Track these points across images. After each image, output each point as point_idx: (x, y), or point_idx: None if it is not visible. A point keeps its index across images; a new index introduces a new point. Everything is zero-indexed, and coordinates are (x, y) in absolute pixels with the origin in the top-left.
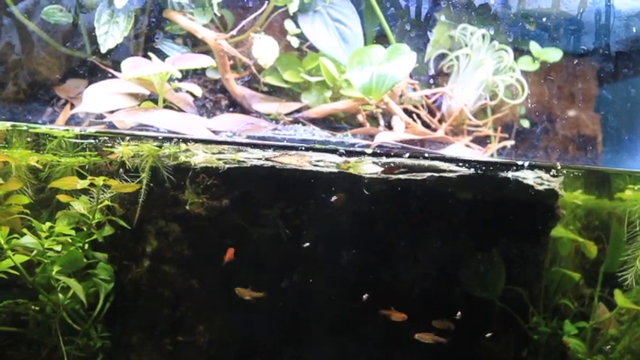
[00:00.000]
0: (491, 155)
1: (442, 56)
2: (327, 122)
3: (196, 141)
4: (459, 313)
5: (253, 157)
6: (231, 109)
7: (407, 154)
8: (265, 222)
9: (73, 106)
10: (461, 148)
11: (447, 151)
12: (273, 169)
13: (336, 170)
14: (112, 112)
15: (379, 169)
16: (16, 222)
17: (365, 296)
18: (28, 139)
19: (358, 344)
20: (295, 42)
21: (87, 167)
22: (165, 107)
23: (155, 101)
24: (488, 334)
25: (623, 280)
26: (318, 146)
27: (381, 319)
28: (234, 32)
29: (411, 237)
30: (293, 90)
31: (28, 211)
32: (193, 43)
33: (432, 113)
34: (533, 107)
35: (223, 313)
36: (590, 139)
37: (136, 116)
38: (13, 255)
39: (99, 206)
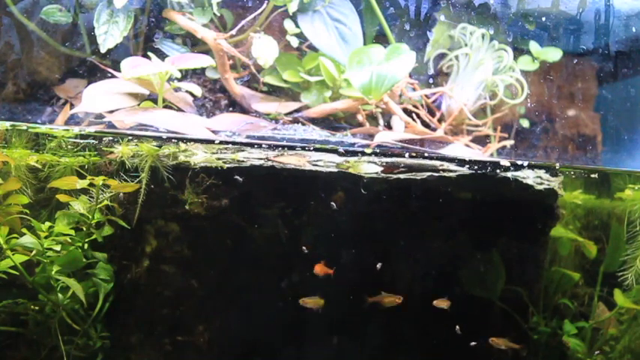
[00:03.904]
0: (491, 155)
1: (442, 56)
2: (327, 122)
3: (196, 141)
4: (457, 315)
5: (253, 157)
6: (230, 109)
7: (406, 154)
8: (265, 222)
9: (72, 105)
10: (460, 148)
11: (447, 151)
12: (272, 169)
13: (335, 170)
14: (111, 111)
15: (379, 169)
16: (16, 222)
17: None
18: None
19: (358, 344)
20: (295, 42)
21: (86, 167)
22: (165, 107)
23: (155, 101)
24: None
25: (622, 280)
26: (317, 146)
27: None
28: (233, 32)
29: (410, 237)
30: (292, 90)
31: (27, 211)
32: (193, 42)
33: (431, 113)
34: (532, 107)
35: (223, 313)
36: (590, 138)
37: (136, 116)
38: (13, 255)
39: (98, 206)
